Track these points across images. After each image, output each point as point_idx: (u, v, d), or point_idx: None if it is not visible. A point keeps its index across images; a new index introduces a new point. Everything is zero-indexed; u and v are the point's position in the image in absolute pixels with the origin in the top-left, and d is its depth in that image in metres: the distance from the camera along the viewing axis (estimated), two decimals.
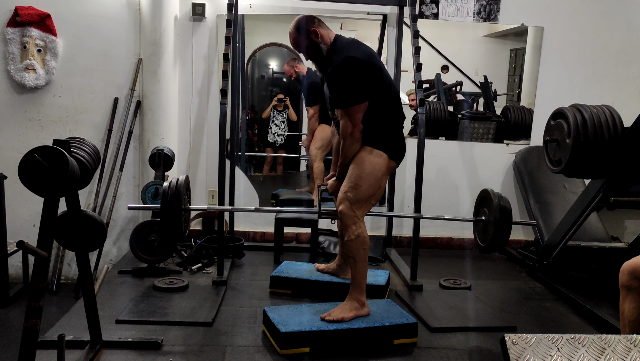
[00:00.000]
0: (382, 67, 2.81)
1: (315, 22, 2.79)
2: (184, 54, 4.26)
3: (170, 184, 2.72)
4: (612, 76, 4.46)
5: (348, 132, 2.71)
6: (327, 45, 2.78)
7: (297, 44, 2.85)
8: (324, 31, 2.79)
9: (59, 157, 1.84)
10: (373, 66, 2.71)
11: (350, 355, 2.48)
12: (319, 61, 2.83)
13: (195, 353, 2.45)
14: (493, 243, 2.92)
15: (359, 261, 2.71)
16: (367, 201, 2.76)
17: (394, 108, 2.84)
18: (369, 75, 2.69)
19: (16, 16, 3.89)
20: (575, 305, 3.24)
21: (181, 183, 2.74)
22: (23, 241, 1.77)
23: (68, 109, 4.11)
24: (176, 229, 2.74)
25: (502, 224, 2.85)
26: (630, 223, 4.59)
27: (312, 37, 2.77)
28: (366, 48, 2.78)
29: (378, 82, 2.73)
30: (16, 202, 3.96)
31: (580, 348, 1.58)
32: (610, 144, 2.79)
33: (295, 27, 2.82)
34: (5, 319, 3.44)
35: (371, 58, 2.73)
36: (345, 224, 2.73)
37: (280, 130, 5.25)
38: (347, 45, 2.75)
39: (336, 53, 2.73)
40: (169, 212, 2.69)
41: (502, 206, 2.86)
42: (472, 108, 4.87)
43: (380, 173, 2.76)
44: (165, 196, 2.69)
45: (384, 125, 2.79)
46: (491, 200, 2.92)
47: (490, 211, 2.92)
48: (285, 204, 4.58)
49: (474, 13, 4.32)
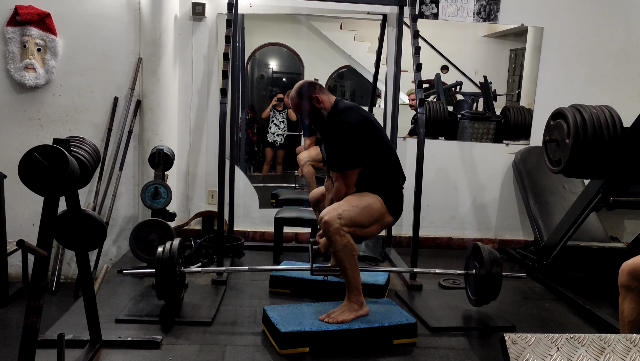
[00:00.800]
0: (381, 131, 2.87)
1: (317, 88, 2.85)
2: (184, 54, 4.27)
3: (164, 249, 2.76)
4: (612, 76, 4.46)
5: (341, 194, 2.78)
6: (328, 110, 2.85)
7: (298, 109, 2.90)
8: (324, 97, 2.85)
9: (59, 156, 1.84)
10: (371, 131, 2.77)
11: (350, 355, 2.48)
12: (319, 125, 2.89)
13: (195, 353, 2.45)
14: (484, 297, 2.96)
15: (350, 267, 2.67)
16: (356, 226, 2.68)
17: (393, 169, 2.89)
18: (366, 140, 2.74)
19: (16, 15, 3.89)
20: (575, 304, 3.24)
21: (175, 248, 2.78)
22: (23, 240, 1.77)
23: (68, 108, 4.11)
24: (171, 294, 2.78)
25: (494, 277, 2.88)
26: (629, 223, 4.59)
27: (313, 103, 2.83)
28: (365, 113, 2.86)
29: (377, 146, 2.79)
30: (16, 201, 3.96)
31: (580, 348, 1.58)
32: (610, 144, 2.79)
33: (297, 93, 2.86)
34: (5, 318, 3.44)
35: (369, 123, 2.79)
36: (329, 235, 2.62)
37: (280, 130, 5.26)
38: (346, 109, 2.81)
39: (336, 116, 2.79)
40: (163, 276, 2.72)
41: (492, 259, 2.90)
42: (471, 108, 4.87)
43: (376, 212, 2.75)
44: (160, 259, 2.73)
45: (384, 184, 2.83)
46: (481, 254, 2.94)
47: (482, 264, 2.93)
48: (285, 203, 4.58)
49: (474, 13, 4.33)
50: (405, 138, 4.45)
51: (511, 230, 4.61)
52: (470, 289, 3.07)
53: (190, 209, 4.42)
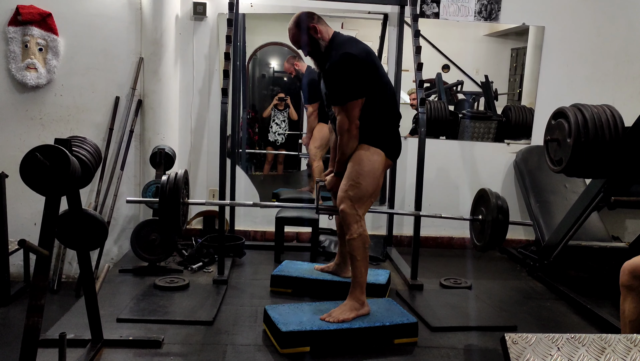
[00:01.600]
0: (379, 66, 2.82)
1: (315, 19, 2.82)
2: (185, 53, 4.27)
3: (168, 178, 2.71)
4: (613, 75, 4.46)
5: (345, 128, 2.71)
6: (326, 41, 2.80)
7: (296, 39, 2.87)
8: (323, 27, 2.82)
9: (61, 156, 1.85)
10: (370, 64, 2.73)
11: (351, 355, 2.49)
12: (317, 57, 2.85)
13: (196, 352, 2.45)
14: (490, 242, 2.91)
15: (360, 260, 2.71)
16: (368, 199, 2.77)
17: (390, 106, 2.85)
18: (366, 72, 2.70)
19: (17, 15, 3.90)
20: (576, 304, 3.24)
21: (180, 177, 2.74)
22: (24, 240, 1.77)
23: (69, 108, 4.12)
24: (174, 223, 2.73)
25: (499, 223, 2.84)
26: (631, 223, 4.59)
27: (311, 33, 2.79)
28: (364, 45, 2.80)
29: (375, 80, 2.75)
30: (17, 201, 3.97)
31: (581, 348, 1.58)
32: (611, 143, 2.78)
33: (294, 23, 2.84)
34: (7, 317, 3.45)
35: (368, 55, 2.75)
36: (347, 223, 2.73)
37: (281, 129, 5.25)
38: (345, 42, 2.77)
39: (334, 49, 2.74)
40: (167, 205, 2.68)
41: (500, 205, 2.86)
42: (472, 107, 4.87)
43: (378, 171, 2.78)
44: (164, 189, 2.68)
45: (380, 123, 2.80)
46: (489, 199, 2.92)
47: (488, 210, 2.92)
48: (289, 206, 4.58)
49: (475, 12, 4.32)
50: (406, 137, 4.45)
51: (512, 230, 4.55)
52: (476, 235, 3.06)
53: (191, 209, 4.43)
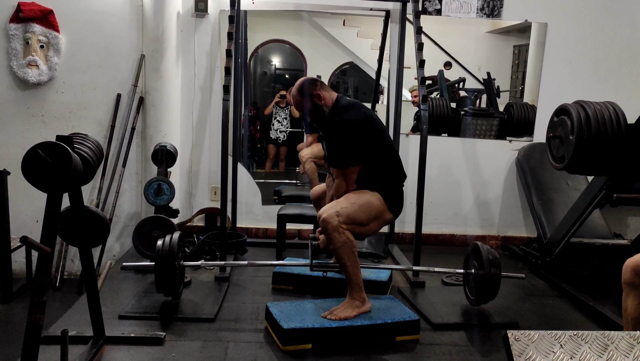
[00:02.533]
0: (383, 129, 2.86)
1: (318, 85, 2.84)
2: (187, 50, 4.26)
3: (164, 242, 2.77)
4: (616, 72, 4.44)
5: (342, 191, 2.77)
6: (329, 107, 2.83)
7: (299, 106, 2.88)
8: (325, 93, 2.84)
9: (62, 153, 1.85)
10: (372, 128, 2.76)
11: (353, 352, 2.49)
12: (320, 122, 2.88)
13: (198, 349, 2.45)
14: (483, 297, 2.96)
15: (350, 265, 2.67)
16: (354, 223, 2.66)
17: (394, 167, 2.87)
18: (366, 137, 2.73)
19: (19, 12, 3.90)
20: (578, 301, 3.24)
21: (175, 241, 2.78)
22: (26, 237, 1.77)
23: (71, 105, 4.12)
24: (170, 287, 2.78)
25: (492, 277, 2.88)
26: (633, 220, 4.58)
27: (315, 100, 2.82)
28: (366, 110, 2.83)
29: (377, 143, 2.78)
30: (19, 198, 3.97)
31: (583, 345, 1.57)
32: (614, 141, 2.78)
33: (298, 91, 2.85)
34: (9, 314, 3.46)
35: (370, 121, 2.77)
36: (328, 234, 2.62)
37: (283, 126, 5.26)
38: (347, 107, 2.80)
39: (337, 114, 2.77)
40: (162, 269, 2.73)
41: (492, 260, 2.89)
42: (475, 105, 4.86)
43: (375, 210, 2.74)
44: (159, 253, 2.74)
45: (384, 182, 2.82)
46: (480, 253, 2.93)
47: (481, 264, 2.92)
48: (288, 200, 4.58)
49: (477, 9, 4.31)
50: (407, 135, 4.44)
51: (514, 227, 4.60)
52: (469, 288, 3.07)
53: (193, 206, 4.43)
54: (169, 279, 2.75)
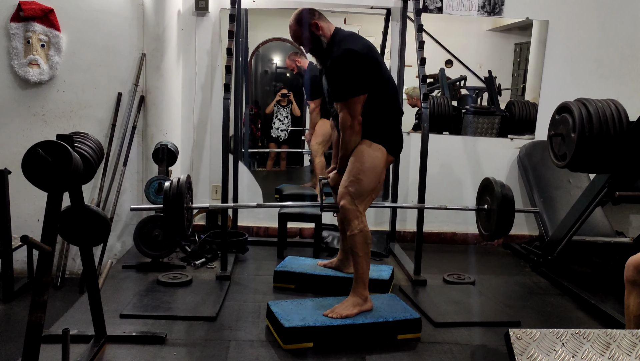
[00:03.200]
0: (381, 62, 2.81)
1: (316, 15, 2.80)
2: (187, 49, 4.26)
3: (171, 184, 2.70)
4: (617, 70, 4.43)
5: (347, 124, 2.70)
6: (327, 38, 2.78)
7: (297, 36, 2.85)
8: (324, 24, 2.80)
9: (63, 152, 1.84)
10: (372, 59, 2.71)
11: (354, 350, 2.48)
12: (319, 53, 2.83)
13: (199, 348, 2.45)
14: (496, 230, 2.91)
15: (362, 256, 2.70)
16: (369, 195, 2.76)
17: (392, 102, 2.84)
18: (368, 68, 2.69)
19: (20, 11, 3.89)
20: (580, 300, 3.23)
21: (183, 182, 2.73)
22: (27, 236, 1.77)
23: (72, 104, 4.12)
24: (179, 228, 2.73)
25: (505, 211, 2.83)
26: (635, 218, 4.57)
27: (312, 29, 2.77)
28: (365, 41, 2.78)
29: (377, 76, 2.74)
30: (20, 197, 3.97)
31: (585, 343, 1.57)
32: (616, 138, 2.77)
33: (295, 20, 2.82)
34: (10, 313, 3.46)
35: (370, 51, 2.73)
36: (347, 219, 2.72)
37: (284, 125, 5.25)
38: (346, 38, 2.75)
39: (336, 45, 2.73)
40: (171, 211, 2.67)
41: (504, 193, 2.85)
42: (476, 103, 4.85)
43: (379, 167, 2.76)
44: (167, 195, 2.68)
45: (382, 119, 2.78)
46: (493, 188, 2.90)
47: (493, 199, 2.90)
48: (289, 199, 4.57)
49: (478, 7, 4.30)
50: (409, 133, 4.43)
51: (516, 225, 4.50)
52: (482, 224, 3.05)
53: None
54: (178, 220, 2.67)
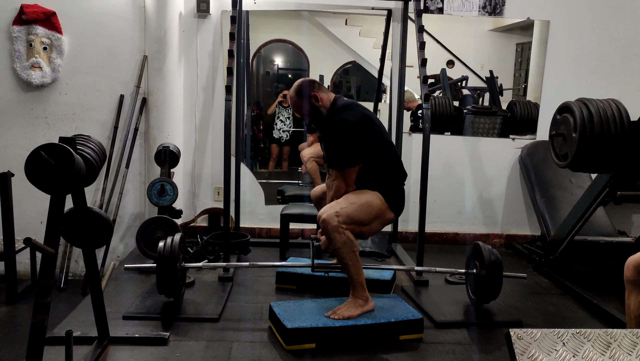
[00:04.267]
0: (381, 128, 2.85)
1: (315, 87, 2.84)
2: (189, 51, 4.27)
3: (165, 244, 2.78)
4: (619, 69, 4.43)
5: (341, 192, 2.78)
6: (327, 107, 2.84)
7: (297, 107, 2.89)
8: (323, 95, 2.84)
9: (65, 154, 1.85)
10: (369, 129, 2.75)
11: (356, 351, 2.49)
12: (318, 123, 2.88)
13: (202, 349, 2.46)
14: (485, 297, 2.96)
15: (351, 264, 2.67)
16: (355, 223, 2.67)
17: (394, 166, 2.87)
18: (364, 137, 2.73)
19: (22, 14, 3.91)
20: (582, 299, 3.23)
21: (176, 243, 2.79)
22: (30, 238, 1.78)
23: (74, 106, 4.13)
24: (172, 289, 2.80)
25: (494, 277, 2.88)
26: (637, 218, 4.57)
27: (312, 101, 2.82)
28: (364, 110, 2.83)
29: (376, 143, 2.78)
30: (23, 199, 3.98)
31: (586, 343, 1.57)
32: (617, 138, 2.77)
33: (296, 92, 2.86)
34: (14, 315, 3.47)
35: (368, 121, 2.77)
36: (328, 233, 2.63)
37: (286, 126, 5.26)
38: (344, 107, 2.80)
39: (334, 115, 2.78)
40: (164, 271, 2.74)
41: (493, 260, 2.89)
42: (477, 103, 4.85)
43: (376, 209, 2.74)
44: (161, 254, 2.75)
45: (384, 181, 2.81)
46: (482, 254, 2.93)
47: (482, 264, 2.92)
48: (291, 200, 4.59)
49: (479, 7, 4.30)
50: (410, 134, 4.44)
51: (518, 225, 4.59)
52: (471, 288, 3.07)
53: (196, 206, 4.44)
54: (170, 281, 2.76)
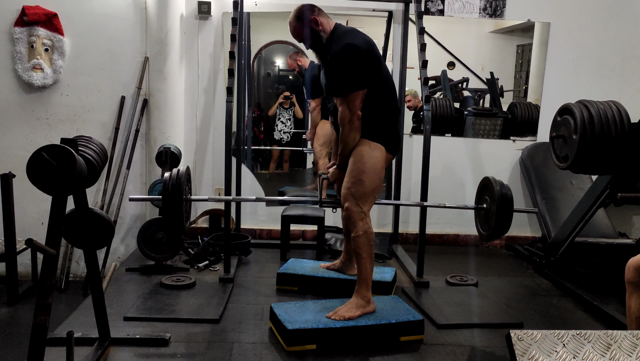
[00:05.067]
0: (381, 58, 2.80)
1: (316, 11, 2.80)
2: (190, 52, 4.28)
3: (170, 175, 2.66)
4: (619, 71, 4.43)
5: (346, 120, 2.68)
6: (327, 33, 2.79)
7: (297, 32, 2.84)
8: (323, 19, 2.80)
9: (67, 155, 1.86)
10: (372, 55, 2.70)
11: (357, 352, 2.49)
12: (318, 49, 2.84)
13: (203, 350, 2.46)
14: (495, 231, 2.87)
15: (366, 257, 2.71)
16: (371, 195, 2.77)
17: (390, 100, 2.84)
18: (368, 63, 2.68)
19: (23, 15, 3.92)
20: (582, 301, 3.23)
21: (182, 174, 2.69)
22: (32, 239, 1.79)
23: (75, 107, 4.14)
24: (177, 221, 2.68)
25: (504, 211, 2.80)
26: (638, 219, 4.57)
27: (312, 25, 2.78)
28: (365, 36, 2.77)
29: (376, 72, 2.73)
30: (25, 200, 3.99)
31: (586, 344, 1.57)
32: (617, 140, 2.77)
33: (295, 16, 2.81)
34: (15, 316, 3.47)
35: (370, 46, 2.72)
36: (352, 221, 2.73)
37: (287, 127, 5.26)
38: (346, 33, 2.76)
39: (335, 41, 2.73)
40: (170, 203, 2.61)
41: (504, 193, 2.82)
42: (478, 104, 4.85)
43: (379, 166, 2.77)
44: (166, 186, 2.63)
45: (381, 117, 2.78)
46: (492, 188, 2.89)
47: (492, 198, 2.89)
48: (292, 201, 4.58)
49: (480, 9, 4.31)
50: (411, 135, 4.44)
51: (518, 227, 4.59)
52: (481, 224, 3.03)
53: (197, 207, 4.44)
54: (176, 214, 2.61)
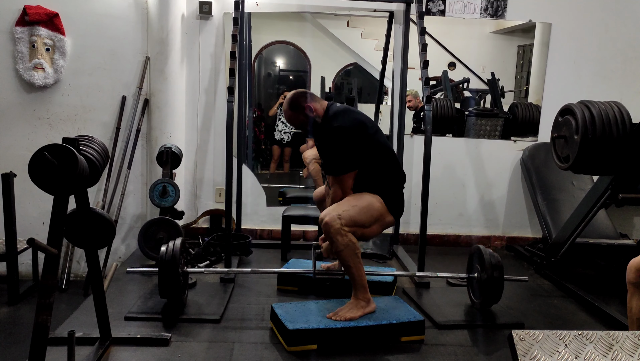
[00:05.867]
0: (376, 131, 2.85)
1: (307, 98, 2.85)
2: (191, 52, 4.28)
3: (167, 248, 2.79)
4: (620, 72, 4.43)
5: (338, 198, 2.78)
6: (321, 116, 2.84)
7: (292, 120, 2.90)
8: (316, 104, 2.85)
9: (68, 155, 1.86)
10: (363, 134, 2.75)
11: (358, 352, 2.49)
12: (314, 132, 2.90)
13: (203, 350, 2.46)
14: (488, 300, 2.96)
15: (353, 266, 2.68)
16: (357, 225, 2.67)
17: (391, 169, 2.87)
18: (358, 142, 2.73)
19: (25, 15, 3.92)
20: (583, 301, 3.23)
21: (177, 247, 2.80)
22: (33, 239, 1.79)
23: (76, 107, 4.14)
24: (174, 293, 2.80)
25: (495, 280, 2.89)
26: (639, 220, 4.57)
27: (306, 112, 2.83)
28: (357, 115, 2.84)
29: (372, 147, 2.78)
30: (26, 200, 4.00)
31: (588, 345, 1.57)
32: (619, 140, 2.77)
33: (289, 106, 2.87)
34: (16, 316, 3.47)
35: (361, 125, 2.77)
36: (330, 236, 2.64)
37: (287, 128, 5.26)
38: (338, 114, 2.81)
39: (328, 122, 2.79)
40: (166, 276, 2.75)
41: (494, 263, 2.89)
42: (479, 105, 4.86)
43: (376, 211, 2.74)
44: (163, 260, 2.76)
45: (383, 184, 2.82)
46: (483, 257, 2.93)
47: (483, 267, 2.93)
48: (293, 202, 4.59)
49: (481, 9, 4.31)
50: (412, 136, 4.45)
51: (519, 227, 4.59)
52: (473, 292, 3.07)
53: (198, 207, 4.44)
54: (172, 285, 2.76)
